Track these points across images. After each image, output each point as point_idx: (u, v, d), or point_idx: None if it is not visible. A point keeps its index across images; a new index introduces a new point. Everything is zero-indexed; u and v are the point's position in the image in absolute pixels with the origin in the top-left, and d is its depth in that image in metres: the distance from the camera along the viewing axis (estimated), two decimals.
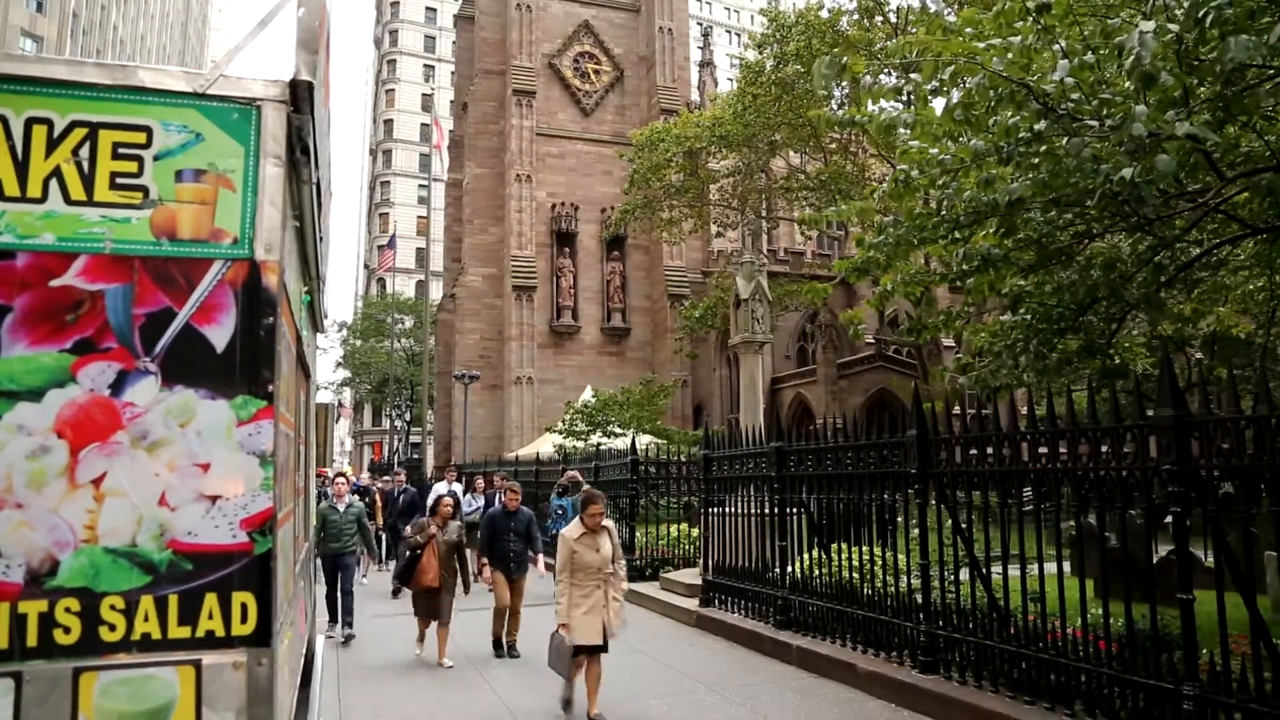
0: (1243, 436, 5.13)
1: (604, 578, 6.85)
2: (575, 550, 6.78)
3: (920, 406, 7.44)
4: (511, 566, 9.46)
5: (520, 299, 41.37)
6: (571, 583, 6.77)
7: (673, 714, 7.18)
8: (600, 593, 6.82)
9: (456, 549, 9.32)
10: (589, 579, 6.80)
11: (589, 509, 6.94)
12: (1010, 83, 5.15)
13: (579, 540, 6.81)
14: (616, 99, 45.90)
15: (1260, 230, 7.42)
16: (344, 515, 10.63)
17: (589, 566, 6.80)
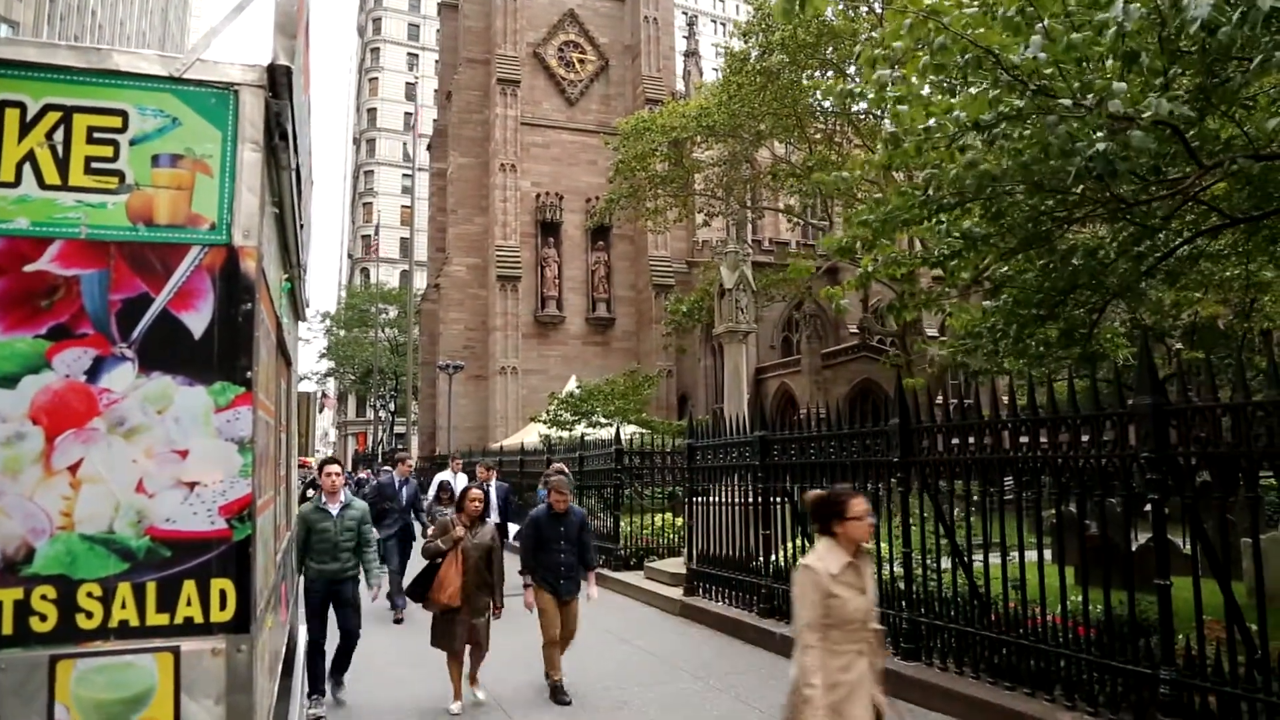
0: (1220, 425, 5.18)
1: (868, 637, 3.98)
2: (834, 593, 3.88)
3: (902, 395, 7.48)
4: (562, 585, 7.42)
5: (505, 289, 41.29)
6: (826, 647, 3.83)
7: (658, 702, 7.21)
8: (864, 664, 3.93)
9: (488, 557, 7.12)
10: (850, 639, 3.89)
11: (850, 510, 3.98)
12: (975, 46, 5.15)
13: (841, 576, 3.92)
14: (601, 88, 45.77)
15: (1238, 220, 7.48)
16: (339, 522, 7.19)
17: (851, 619, 3.91)
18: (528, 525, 7.70)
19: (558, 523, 7.51)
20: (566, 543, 7.48)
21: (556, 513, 7.53)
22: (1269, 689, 4.80)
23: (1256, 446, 4.93)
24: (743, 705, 7.06)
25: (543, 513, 7.66)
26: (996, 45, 5.44)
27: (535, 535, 7.52)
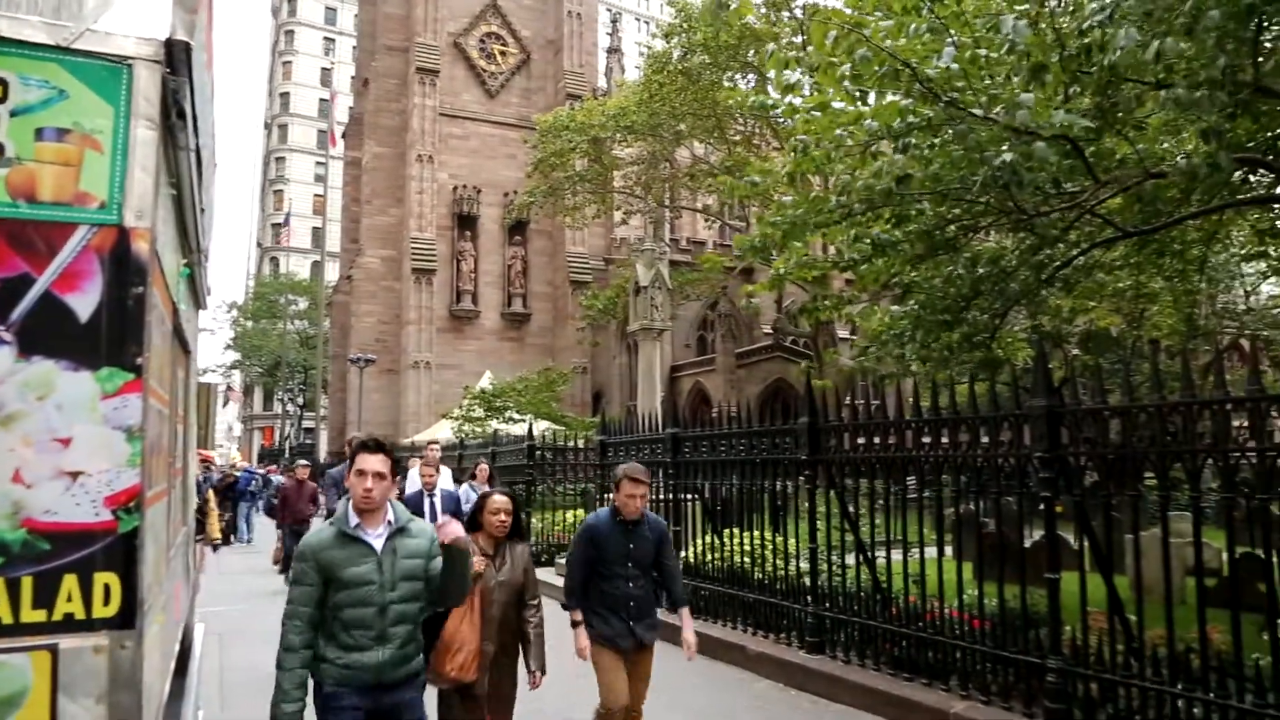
0: (1108, 427, 5.43)
1: None
2: None
3: (811, 395, 7.63)
4: (633, 631, 5.06)
5: (419, 282, 40.61)
6: None
7: (565, 699, 7.20)
8: None
9: (519, 599, 4.91)
10: None
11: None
12: (894, 59, 5.31)
13: None
14: (523, 81, 45.39)
15: (1130, 233, 7.84)
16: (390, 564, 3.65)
17: None
18: (580, 540, 5.19)
19: (626, 537, 5.03)
20: (636, 566, 5.06)
21: (625, 520, 5.05)
22: (1143, 675, 5.06)
23: (1140, 447, 5.18)
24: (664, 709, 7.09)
25: (604, 520, 5.13)
26: (915, 59, 5.60)
27: (591, 554, 5.11)
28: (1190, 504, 5.27)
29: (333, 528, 3.64)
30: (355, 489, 3.61)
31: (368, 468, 3.61)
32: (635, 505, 5.00)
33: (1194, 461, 4.95)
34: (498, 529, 4.82)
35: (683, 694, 7.22)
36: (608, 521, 5.11)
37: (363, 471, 3.60)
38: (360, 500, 3.59)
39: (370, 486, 3.58)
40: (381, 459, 3.64)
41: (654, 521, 5.29)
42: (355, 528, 3.61)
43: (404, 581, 3.64)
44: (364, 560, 3.58)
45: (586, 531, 5.18)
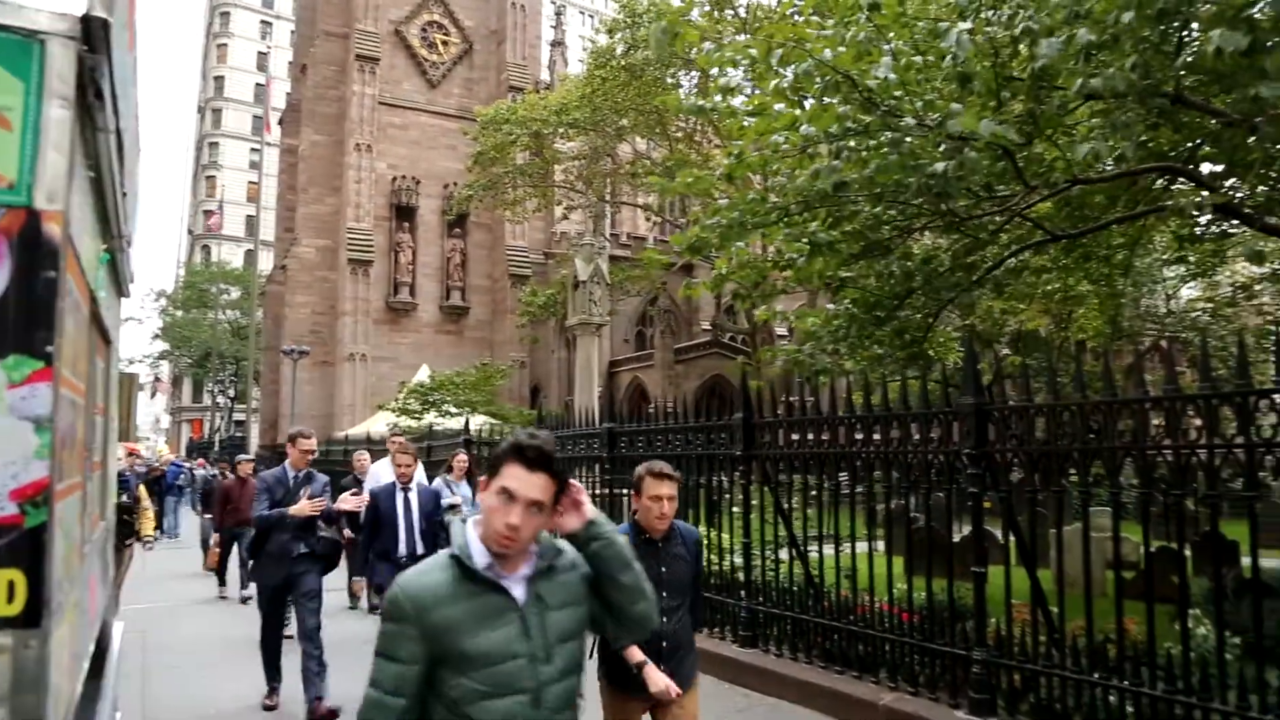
0: (1033, 424, 5.58)
1: None
2: None
3: (746, 391, 7.69)
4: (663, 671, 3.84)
5: (356, 273, 39.98)
6: None
7: None
8: None
9: None
10: None
11: None
12: (835, 72, 5.38)
13: None
14: (465, 72, 44.92)
15: (1058, 237, 8.05)
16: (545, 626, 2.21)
17: None
18: None
19: (656, 559, 3.89)
20: (672, 595, 3.93)
21: (650, 538, 3.94)
22: (1064, 665, 5.22)
23: (1063, 445, 5.33)
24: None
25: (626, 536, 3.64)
26: (855, 71, 5.68)
27: None
28: (1110, 500, 5.45)
29: (448, 567, 2.19)
30: (492, 522, 2.14)
31: (521, 493, 2.13)
32: (664, 514, 3.85)
33: (1113, 458, 5.11)
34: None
35: None
36: (634, 541, 3.55)
37: (512, 496, 2.12)
38: (500, 541, 2.14)
39: (516, 524, 2.11)
40: (545, 482, 2.15)
41: (687, 532, 4.13)
42: (488, 568, 2.17)
43: (562, 645, 2.24)
44: (503, 620, 2.16)
45: None
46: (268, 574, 6.82)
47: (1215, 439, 4.63)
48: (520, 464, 2.16)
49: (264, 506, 6.68)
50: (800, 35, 5.69)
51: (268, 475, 6.98)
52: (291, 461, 6.85)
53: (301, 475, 6.87)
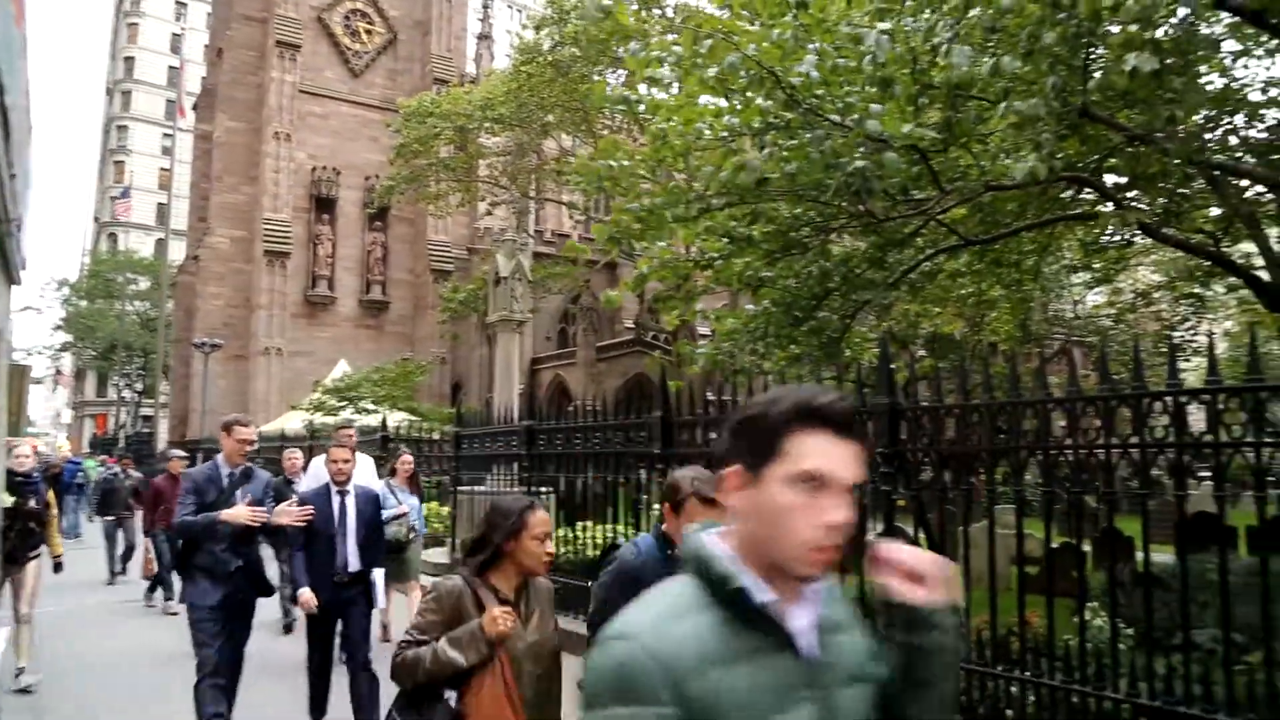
0: (943, 424, 5.71)
1: None
2: None
3: (665, 390, 7.71)
4: None
5: (273, 265, 39.00)
6: None
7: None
8: None
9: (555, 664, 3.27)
10: None
11: None
12: (760, 67, 5.44)
13: None
14: (389, 62, 44.16)
15: (971, 242, 8.27)
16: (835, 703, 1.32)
17: None
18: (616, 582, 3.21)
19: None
20: None
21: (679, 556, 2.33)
22: (969, 658, 5.35)
23: (971, 444, 5.47)
24: None
25: (650, 557, 3.27)
26: (779, 67, 5.74)
27: None
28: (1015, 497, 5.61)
29: (704, 602, 1.32)
30: (794, 527, 1.29)
31: (838, 475, 1.31)
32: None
33: (1018, 457, 5.26)
34: (538, 565, 3.08)
35: None
36: (657, 559, 3.19)
37: (823, 482, 1.30)
38: (813, 558, 1.30)
39: (844, 522, 1.30)
40: (860, 455, 1.34)
41: None
42: (770, 606, 1.31)
43: None
44: (795, 693, 1.29)
45: (622, 570, 3.25)
46: (200, 592, 5.44)
47: (1112, 439, 4.80)
48: (828, 431, 1.31)
49: (189, 511, 5.36)
50: (729, 28, 5.73)
51: (196, 473, 5.68)
52: (225, 455, 5.59)
53: (238, 473, 5.58)
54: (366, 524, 5.92)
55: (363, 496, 6.02)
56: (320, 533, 5.72)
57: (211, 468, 5.61)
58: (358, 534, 5.85)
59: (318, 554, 5.71)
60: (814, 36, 5.99)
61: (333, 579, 5.68)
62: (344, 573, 5.74)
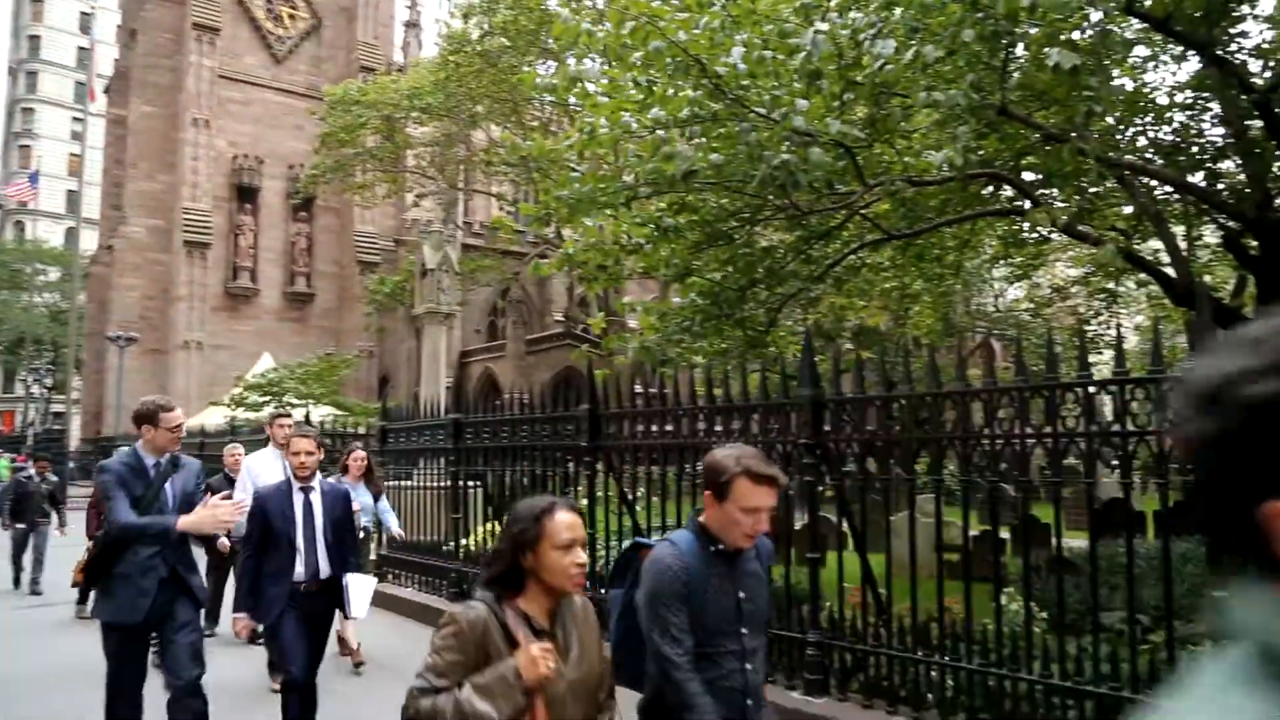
0: (865, 415, 5.81)
1: None
2: None
3: (593, 382, 7.71)
4: None
5: (192, 256, 37.85)
6: None
7: (344, 691, 6.91)
8: None
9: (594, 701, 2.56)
10: None
11: None
12: (687, 55, 5.45)
13: None
14: (313, 48, 43.13)
15: (894, 236, 8.43)
16: None
17: None
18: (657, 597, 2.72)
19: (728, 580, 2.82)
20: (751, 631, 2.87)
21: (723, 550, 2.81)
22: (891, 644, 5.47)
23: (893, 434, 5.58)
24: None
25: (691, 553, 2.79)
26: (705, 56, 5.75)
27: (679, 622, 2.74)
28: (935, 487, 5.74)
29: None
30: None
31: None
32: (757, 531, 2.74)
33: (938, 447, 5.38)
34: (571, 583, 2.48)
35: None
36: (698, 555, 2.75)
37: None
38: None
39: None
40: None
41: (760, 543, 2.93)
42: None
43: None
44: None
45: (665, 579, 2.71)
46: (122, 608, 4.56)
47: (1027, 429, 4.94)
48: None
49: (125, 507, 4.53)
50: (655, 13, 5.72)
51: (116, 465, 4.71)
52: (152, 444, 4.75)
53: (164, 461, 4.77)
54: (336, 524, 5.17)
55: (330, 494, 5.27)
56: (280, 536, 4.96)
57: (131, 456, 4.71)
58: (326, 535, 5.12)
59: (277, 561, 4.96)
60: (742, 27, 6.03)
61: (299, 588, 4.98)
62: (315, 578, 5.04)
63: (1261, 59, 7.69)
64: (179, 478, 4.81)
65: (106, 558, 4.64)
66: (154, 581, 4.57)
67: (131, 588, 4.54)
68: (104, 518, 5.05)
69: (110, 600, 4.63)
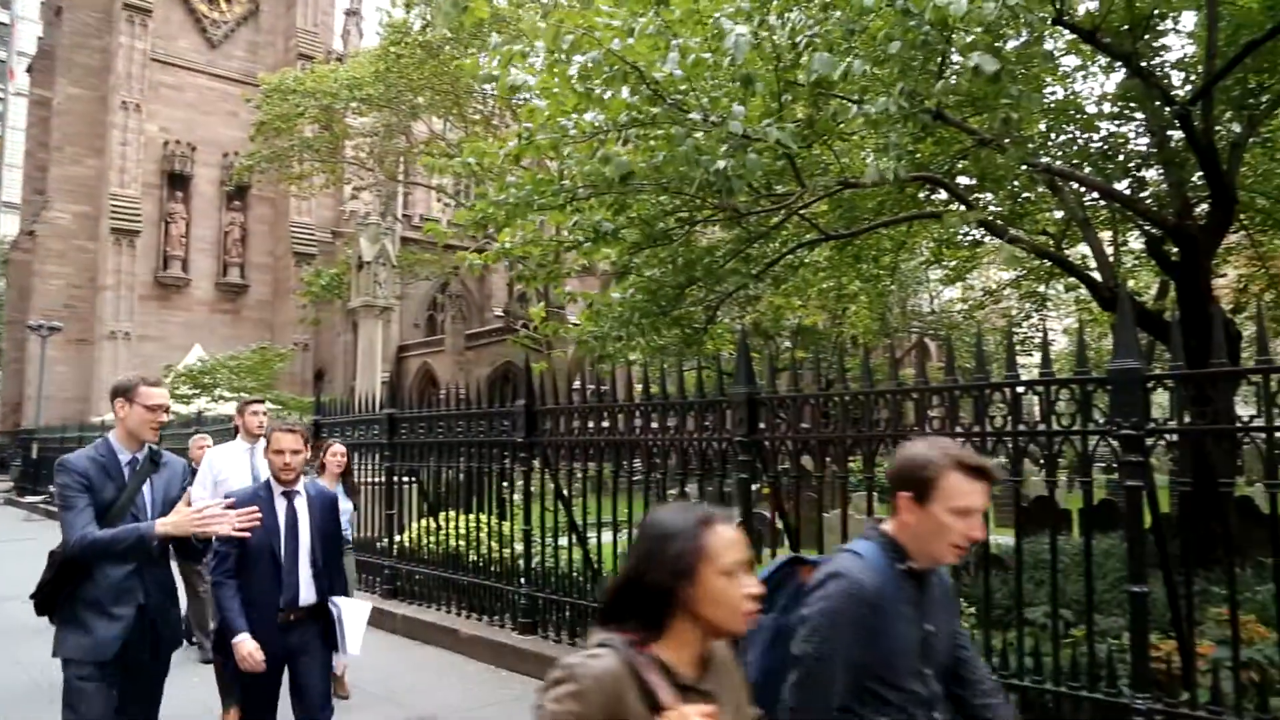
0: (800, 413, 5.86)
1: None
2: None
3: (529, 378, 7.67)
4: None
5: (120, 244, 36.68)
6: None
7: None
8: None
9: None
10: None
11: None
12: (624, 62, 5.43)
13: None
14: (250, 34, 42.11)
15: (831, 237, 8.53)
16: None
17: None
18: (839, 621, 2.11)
19: (914, 607, 2.22)
20: (937, 671, 2.28)
21: (915, 570, 2.23)
22: None
23: (826, 432, 5.64)
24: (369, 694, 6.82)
25: (882, 574, 2.18)
26: (643, 62, 5.74)
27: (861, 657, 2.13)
28: (868, 484, 5.82)
29: None
30: None
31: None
32: (968, 544, 2.21)
33: (871, 446, 5.45)
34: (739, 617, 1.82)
35: (389, 679, 7.02)
36: (889, 578, 2.20)
37: None
38: None
39: None
40: None
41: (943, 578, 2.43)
42: None
43: None
44: None
45: (854, 601, 2.14)
46: (87, 644, 3.57)
47: (957, 428, 5.04)
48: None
49: (86, 518, 3.54)
50: (590, 24, 5.70)
51: (80, 462, 3.67)
52: (125, 429, 3.76)
53: (142, 458, 3.80)
54: (325, 537, 4.28)
55: (318, 500, 4.34)
56: (259, 552, 4.06)
57: (102, 451, 3.73)
58: (313, 552, 4.22)
59: (257, 584, 4.08)
60: (679, 32, 6.03)
61: (277, 615, 4.07)
62: (295, 607, 4.13)
63: (1183, 72, 7.95)
64: (160, 479, 3.82)
65: (65, 580, 3.63)
66: (129, 609, 3.62)
67: (99, 617, 3.57)
68: None
69: (76, 632, 3.59)
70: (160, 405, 3.79)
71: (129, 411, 3.74)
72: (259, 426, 5.98)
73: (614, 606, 1.83)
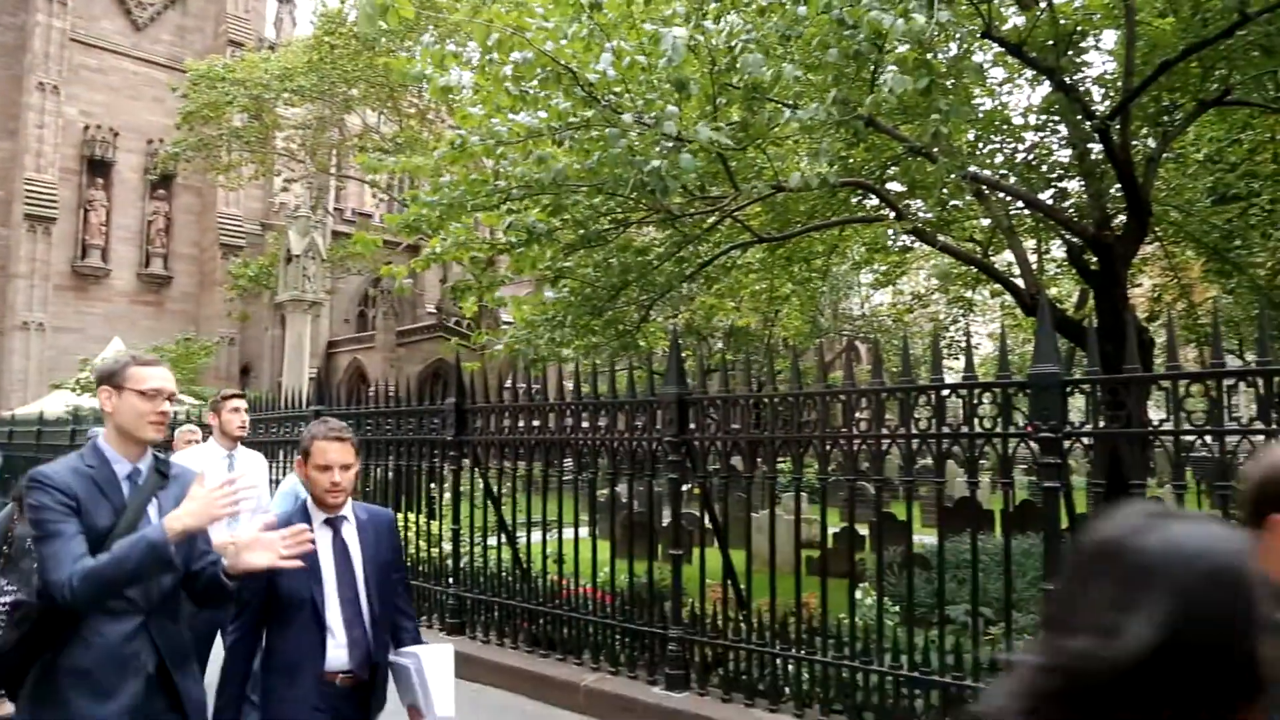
0: (730, 414, 5.91)
1: None
2: None
3: (460, 376, 7.60)
4: None
5: (35, 230, 35.26)
6: None
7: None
8: None
9: None
10: None
11: None
12: (557, 64, 5.41)
13: None
14: (177, 17, 40.83)
15: (764, 239, 8.62)
16: None
17: None
18: None
19: None
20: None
21: None
22: (750, 639, 5.58)
23: (755, 433, 5.69)
24: None
25: None
26: (575, 64, 5.72)
27: None
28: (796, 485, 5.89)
29: None
30: None
31: None
32: None
33: (799, 447, 5.52)
34: None
35: None
36: None
37: None
38: None
39: None
40: None
41: None
42: None
43: None
44: None
45: None
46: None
47: (883, 430, 5.13)
48: None
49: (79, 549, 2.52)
50: (521, 25, 5.66)
51: (60, 475, 2.63)
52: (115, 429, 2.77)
53: (146, 471, 2.80)
54: (382, 573, 3.18)
55: (370, 524, 3.20)
56: (296, 599, 2.98)
57: (90, 460, 2.73)
58: (371, 595, 3.11)
59: (295, 642, 2.99)
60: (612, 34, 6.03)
61: (322, 682, 2.97)
62: (361, 668, 3.06)
63: (1103, 88, 8.21)
64: (168, 496, 2.77)
65: (36, 647, 2.61)
66: (138, 680, 2.63)
67: (88, 692, 2.56)
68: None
69: (51, 712, 2.58)
70: (159, 390, 2.78)
71: (118, 403, 2.75)
72: (240, 427, 5.10)
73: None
